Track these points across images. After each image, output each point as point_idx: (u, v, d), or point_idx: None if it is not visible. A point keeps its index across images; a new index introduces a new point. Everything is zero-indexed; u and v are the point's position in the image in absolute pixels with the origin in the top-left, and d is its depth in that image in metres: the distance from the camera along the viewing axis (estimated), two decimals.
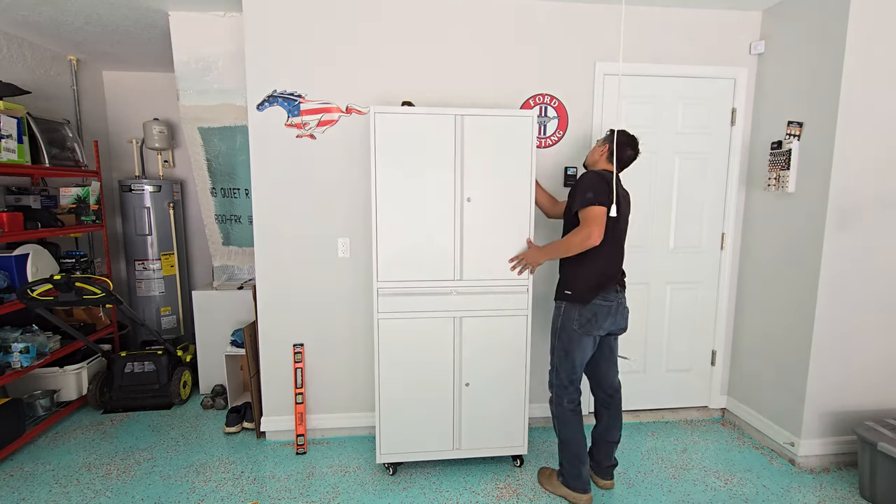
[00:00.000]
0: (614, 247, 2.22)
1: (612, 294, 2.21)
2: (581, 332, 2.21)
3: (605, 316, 2.20)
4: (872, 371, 2.62)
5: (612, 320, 2.23)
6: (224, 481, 2.49)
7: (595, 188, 2.12)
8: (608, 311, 2.20)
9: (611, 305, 2.21)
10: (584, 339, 2.22)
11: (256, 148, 2.68)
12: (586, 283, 2.20)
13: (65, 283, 2.75)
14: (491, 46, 2.74)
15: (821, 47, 2.48)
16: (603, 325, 2.21)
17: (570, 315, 2.23)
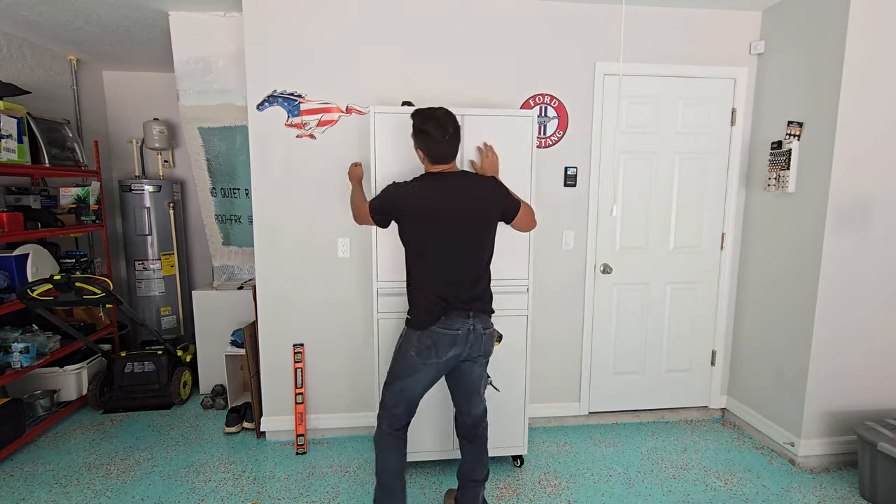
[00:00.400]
0: (438, 264, 1.89)
1: (457, 321, 1.88)
2: (418, 359, 1.91)
3: (447, 345, 1.89)
4: (872, 371, 2.62)
5: (459, 349, 1.91)
6: (224, 481, 2.49)
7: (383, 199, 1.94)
8: (452, 339, 1.88)
9: (455, 333, 1.88)
10: (420, 368, 1.92)
11: (256, 148, 2.68)
12: (419, 307, 1.93)
13: (65, 283, 2.75)
14: (491, 46, 2.74)
15: (821, 47, 2.48)
16: (446, 354, 1.90)
17: (409, 340, 1.94)
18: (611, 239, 2.98)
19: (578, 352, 3.04)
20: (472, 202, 1.89)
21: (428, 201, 1.85)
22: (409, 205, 1.87)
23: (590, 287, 2.99)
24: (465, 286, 1.90)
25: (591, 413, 3.13)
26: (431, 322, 1.89)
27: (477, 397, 2.09)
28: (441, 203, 1.85)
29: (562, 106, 2.83)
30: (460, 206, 1.86)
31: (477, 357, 1.98)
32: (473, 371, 2.02)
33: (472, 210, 1.89)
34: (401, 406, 1.99)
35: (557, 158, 2.86)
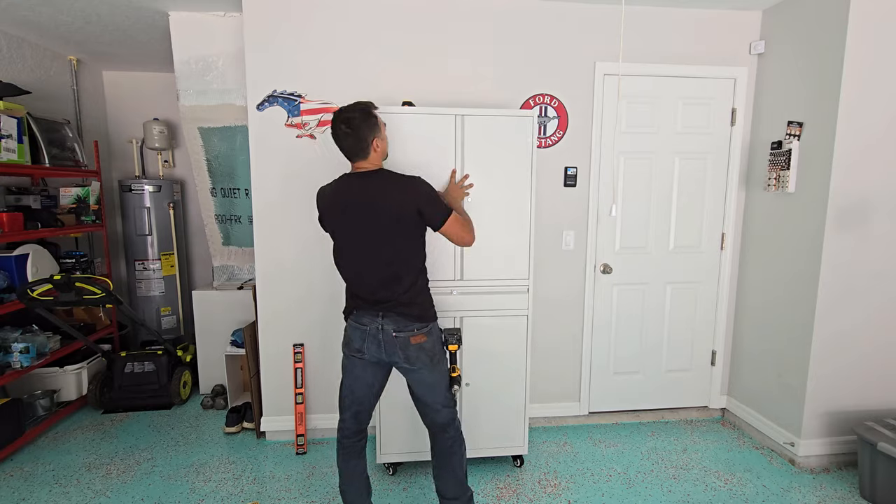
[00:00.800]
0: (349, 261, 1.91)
1: (365, 317, 1.89)
2: (345, 350, 1.97)
3: (359, 339, 1.90)
4: (872, 371, 2.62)
5: (373, 347, 1.89)
6: (224, 481, 2.49)
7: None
8: (362, 335, 1.89)
9: (364, 329, 1.89)
10: (349, 361, 1.96)
11: (256, 148, 2.69)
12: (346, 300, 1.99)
13: (65, 283, 2.75)
14: (491, 46, 2.74)
15: (821, 47, 2.48)
16: (362, 349, 1.90)
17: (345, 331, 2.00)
18: (611, 239, 2.98)
19: (578, 352, 3.05)
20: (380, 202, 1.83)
21: (334, 201, 1.90)
22: (322, 205, 1.96)
23: (590, 287, 2.99)
24: (373, 286, 1.87)
25: (591, 413, 3.13)
26: (348, 315, 1.97)
27: (424, 406, 2.00)
28: (346, 201, 1.87)
29: (562, 106, 2.83)
30: (365, 206, 1.83)
31: (400, 363, 1.91)
32: (412, 377, 1.96)
33: (378, 210, 1.83)
34: (346, 412, 1.97)
35: (557, 158, 2.86)
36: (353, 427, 1.98)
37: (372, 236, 1.85)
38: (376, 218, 1.83)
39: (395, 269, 1.88)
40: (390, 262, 1.87)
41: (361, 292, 1.90)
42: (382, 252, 1.86)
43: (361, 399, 1.97)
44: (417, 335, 1.90)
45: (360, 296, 1.90)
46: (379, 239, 1.85)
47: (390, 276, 1.87)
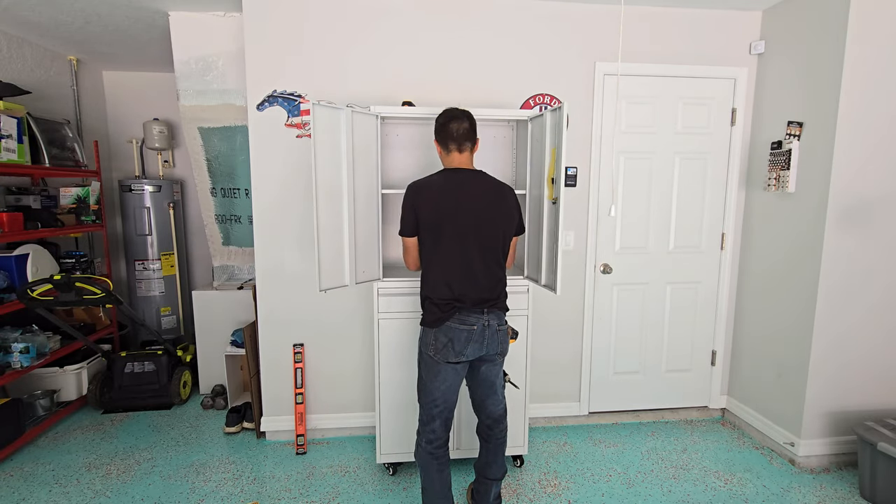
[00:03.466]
0: (451, 259, 1.90)
1: (471, 316, 1.89)
2: (437, 358, 1.92)
3: (464, 342, 1.89)
4: (872, 371, 2.62)
5: (476, 346, 1.90)
6: (224, 481, 2.49)
7: (402, 211, 1.96)
8: (468, 335, 1.88)
9: (471, 330, 1.89)
10: (442, 368, 1.93)
11: (256, 148, 2.68)
12: (433, 306, 1.93)
13: (65, 283, 2.75)
14: (491, 46, 2.74)
15: (821, 47, 2.48)
16: (464, 351, 1.90)
17: (426, 340, 1.96)
18: (611, 239, 2.98)
19: (578, 352, 3.04)
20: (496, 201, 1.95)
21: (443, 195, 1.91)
22: (421, 199, 1.92)
23: (590, 287, 2.99)
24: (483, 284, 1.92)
25: (591, 413, 3.13)
26: (446, 318, 1.90)
27: (494, 397, 2.06)
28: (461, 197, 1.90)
29: None
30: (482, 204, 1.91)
31: (493, 356, 1.97)
32: (490, 370, 2.01)
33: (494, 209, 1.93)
34: (436, 421, 1.97)
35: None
36: (445, 435, 1.99)
37: (487, 235, 1.91)
38: (492, 217, 1.92)
39: (500, 267, 1.97)
40: (498, 262, 1.96)
41: (469, 291, 1.89)
42: (494, 251, 1.93)
43: (452, 405, 2.00)
44: (507, 327, 2.02)
45: (465, 295, 1.89)
46: (493, 238, 1.92)
47: (497, 275, 1.95)
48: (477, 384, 2.05)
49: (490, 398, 2.06)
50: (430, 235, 1.92)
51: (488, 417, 2.08)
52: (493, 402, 2.07)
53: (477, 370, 2.01)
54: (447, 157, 1.98)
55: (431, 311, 1.93)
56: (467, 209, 1.89)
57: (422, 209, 1.91)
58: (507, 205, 1.97)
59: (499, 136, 2.76)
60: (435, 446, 1.97)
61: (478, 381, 2.04)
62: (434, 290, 1.93)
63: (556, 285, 2.20)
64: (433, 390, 1.95)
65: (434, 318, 1.92)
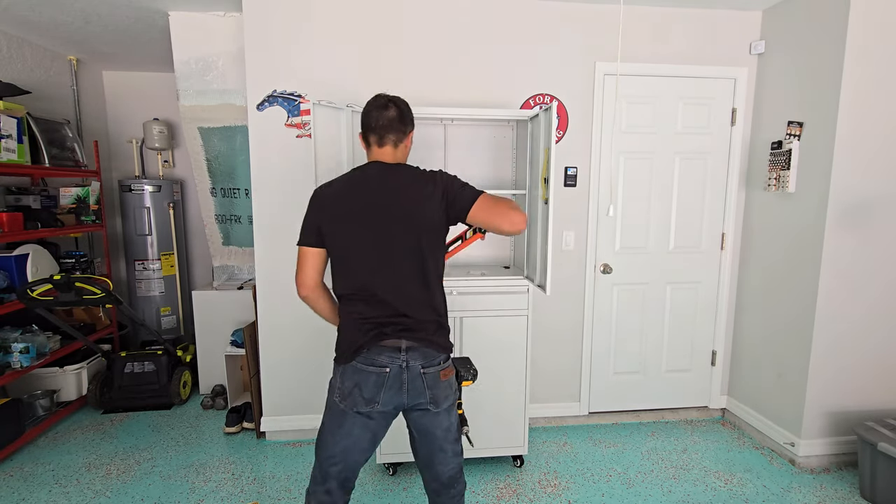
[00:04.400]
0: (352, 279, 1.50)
1: (383, 355, 1.46)
2: (343, 406, 1.50)
3: (373, 387, 1.46)
4: (872, 371, 2.62)
5: (392, 393, 1.48)
6: (224, 481, 2.49)
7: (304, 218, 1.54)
8: (377, 380, 1.46)
9: (381, 373, 1.46)
10: (348, 419, 1.50)
11: (256, 148, 2.68)
12: (341, 336, 1.55)
13: (65, 283, 2.75)
14: (491, 46, 2.74)
15: (821, 47, 2.48)
16: (375, 399, 1.47)
17: (332, 381, 1.57)
18: (611, 239, 2.98)
19: (578, 352, 3.04)
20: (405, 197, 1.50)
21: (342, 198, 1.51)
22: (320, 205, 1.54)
23: (590, 287, 2.99)
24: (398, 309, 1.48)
25: (591, 413, 3.13)
26: (352, 357, 1.49)
27: (441, 455, 1.59)
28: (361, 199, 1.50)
29: (562, 106, 2.82)
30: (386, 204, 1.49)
31: (423, 406, 1.52)
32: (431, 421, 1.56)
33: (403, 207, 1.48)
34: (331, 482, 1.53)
35: (557, 158, 2.86)
36: (342, 499, 1.57)
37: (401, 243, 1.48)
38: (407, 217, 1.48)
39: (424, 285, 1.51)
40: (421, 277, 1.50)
41: (380, 319, 1.47)
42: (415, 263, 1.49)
43: (355, 465, 1.56)
44: (446, 368, 1.55)
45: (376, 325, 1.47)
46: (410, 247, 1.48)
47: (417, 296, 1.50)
48: (415, 439, 1.62)
49: (435, 456, 1.59)
50: (331, 248, 1.52)
51: (434, 480, 1.63)
52: (439, 460, 1.60)
53: (412, 421, 1.58)
54: (368, 152, 1.60)
55: (339, 343, 1.55)
56: (372, 213, 1.47)
57: (324, 214, 1.51)
58: (424, 194, 1.49)
59: (499, 136, 2.76)
60: None
61: (415, 435, 1.61)
62: (345, 316, 1.54)
63: (546, 285, 2.21)
64: (332, 444, 1.52)
65: (340, 352, 1.54)
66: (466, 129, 2.75)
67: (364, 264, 1.49)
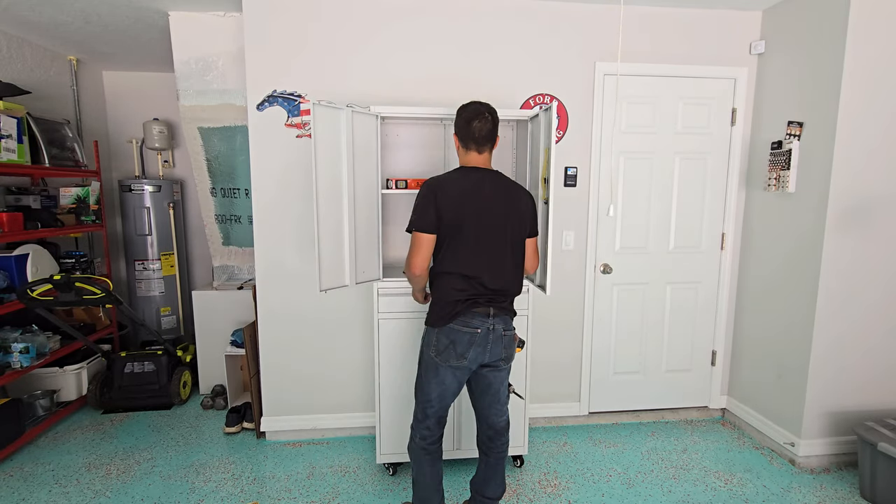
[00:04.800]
0: (465, 258, 1.86)
1: (476, 319, 1.85)
2: (438, 360, 1.89)
3: (466, 344, 1.85)
4: (872, 371, 2.62)
5: (479, 350, 1.86)
6: (224, 481, 2.49)
7: (417, 206, 1.86)
8: (471, 339, 1.84)
9: (474, 333, 1.84)
10: (441, 370, 1.89)
11: (256, 148, 2.68)
12: (440, 304, 1.89)
13: (65, 283, 2.75)
14: (492, 46, 2.74)
15: (821, 47, 2.48)
16: (465, 355, 1.86)
17: (428, 340, 1.93)
18: (611, 239, 2.98)
19: (578, 352, 3.04)
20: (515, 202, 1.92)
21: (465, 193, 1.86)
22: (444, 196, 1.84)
23: (590, 287, 2.99)
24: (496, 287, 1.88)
25: (591, 413, 3.13)
26: (450, 319, 1.85)
27: (497, 406, 2.01)
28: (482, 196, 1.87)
29: (562, 106, 2.83)
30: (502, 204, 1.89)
31: (497, 362, 1.92)
32: (495, 377, 1.96)
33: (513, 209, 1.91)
34: (431, 419, 1.96)
35: (557, 158, 2.86)
36: (439, 432, 1.99)
37: (506, 236, 1.89)
38: (511, 218, 1.89)
39: (516, 270, 1.94)
40: (515, 264, 1.93)
41: (482, 290, 1.85)
42: (512, 252, 1.91)
43: (447, 406, 1.98)
44: (514, 332, 1.96)
45: (478, 294, 1.85)
46: (512, 239, 1.90)
47: (510, 277, 1.91)
48: (480, 392, 2.00)
49: (493, 407, 2.01)
50: (448, 233, 1.85)
51: (490, 428, 2.03)
52: (495, 411, 2.01)
53: (480, 376, 1.96)
54: (465, 155, 1.94)
55: (437, 310, 1.90)
56: (486, 209, 1.86)
57: (443, 206, 1.83)
58: (520, 207, 1.93)
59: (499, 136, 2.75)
60: (429, 442, 1.97)
61: (481, 388, 1.99)
62: (446, 288, 1.88)
63: (547, 285, 2.22)
64: (430, 391, 1.93)
65: (438, 317, 1.89)
66: None
67: (471, 250, 1.85)
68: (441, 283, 1.90)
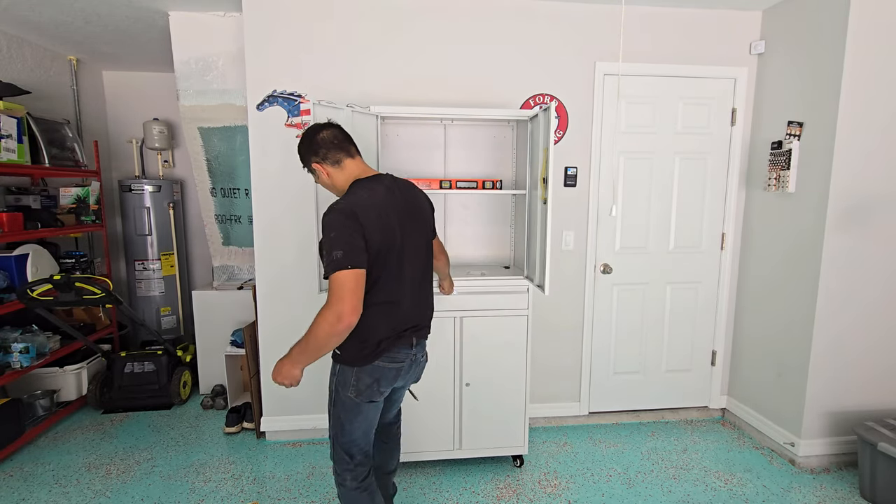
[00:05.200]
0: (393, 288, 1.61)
1: (401, 353, 1.66)
2: (359, 400, 1.65)
3: (390, 380, 1.68)
4: (873, 371, 2.62)
5: (400, 381, 1.75)
6: (224, 481, 2.49)
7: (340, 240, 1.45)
8: (395, 374, 1.68)
9: (399, 367, 1.68)
10: (364, 407, 1.67)
11: (256, 148, 2.68)
12: (362, 341, 1.60)
13: (65, 283, 2.75)
14: (492, 46, 2.74)
15: (821, 47, 2.48)
16: (388, 389, 1.72)
17: (345, 380, 1.66)
18: (611, 239, 2.98)
19: (578, 352, 3.04)
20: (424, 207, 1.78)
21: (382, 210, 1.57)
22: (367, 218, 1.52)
23: (590, 287, 2.99)
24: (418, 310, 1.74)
25: (591, 413, 3.13)
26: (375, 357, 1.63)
27: (395, 405, 1.98)
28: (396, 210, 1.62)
29: (562, 106, 2.83)
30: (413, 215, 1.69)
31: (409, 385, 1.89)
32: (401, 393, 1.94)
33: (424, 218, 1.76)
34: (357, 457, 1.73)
35: (557, 158, 2.86)
36: (369, 464, 1.77)
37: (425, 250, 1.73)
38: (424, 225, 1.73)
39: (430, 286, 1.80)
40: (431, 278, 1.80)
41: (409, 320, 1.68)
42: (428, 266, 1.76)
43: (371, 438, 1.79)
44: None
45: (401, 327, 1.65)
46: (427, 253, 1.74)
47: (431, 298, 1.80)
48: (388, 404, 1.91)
49: (389, 411, 1.95)
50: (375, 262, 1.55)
51: (392, 420, 2.01)
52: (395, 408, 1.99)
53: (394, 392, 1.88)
54: (343, 170, 1.66)
55: (359, 347, 1.61)
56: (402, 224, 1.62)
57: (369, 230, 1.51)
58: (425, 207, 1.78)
59: (499, 136, 2.76)
60: (361, 479, 1.73)
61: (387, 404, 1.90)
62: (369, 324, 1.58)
63: (545, 285, 2.22)
64: (353, 432, 1.69)
65: (359, 356, 1.62)
66: (466, 129, 2.75)
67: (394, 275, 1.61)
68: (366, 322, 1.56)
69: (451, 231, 2.81)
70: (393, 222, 1.58)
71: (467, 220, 2.81)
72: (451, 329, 2.43)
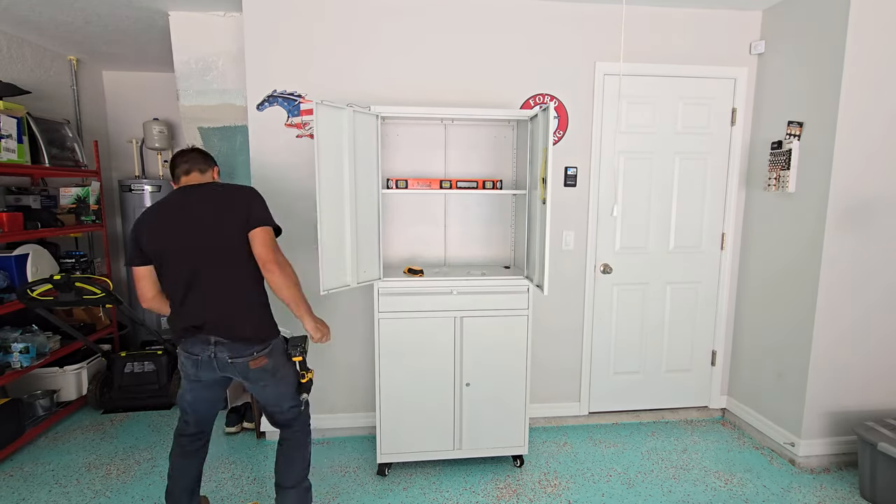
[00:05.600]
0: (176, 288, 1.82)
1: (197, 346, 1.82)
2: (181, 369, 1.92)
3: (192, 366, 1.86)
4: (872, 371, 2.62)
5: (209, 372, 1.86)
6: (224, 481, 2.49)
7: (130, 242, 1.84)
8: (195, 363, 1.84)
9: (197, 359, 1.83)
10: (187, 382, 1.93)
11: (256, 148, 2.68)
12: (172, 330, 1.90)
13: (65, 283, 2.74)
14: (492, 47, 2.74)
15: (821, 47, 2.48)
16: (198, 374, 1.87)
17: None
18: (611, 239, 2.98)
19: (578, 352, 3.04)
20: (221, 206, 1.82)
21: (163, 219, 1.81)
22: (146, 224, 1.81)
23: (590, 287, 2.99)
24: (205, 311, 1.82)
25: (591, 413, 3.13)
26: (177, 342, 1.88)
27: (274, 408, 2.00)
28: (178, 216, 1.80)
29: (562, 106, 2.83)
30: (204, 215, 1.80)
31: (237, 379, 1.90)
32: (253, 390, 1.97)
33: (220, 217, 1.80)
34: (187, 413, 1.97)
35: (557, 158, 2.86)
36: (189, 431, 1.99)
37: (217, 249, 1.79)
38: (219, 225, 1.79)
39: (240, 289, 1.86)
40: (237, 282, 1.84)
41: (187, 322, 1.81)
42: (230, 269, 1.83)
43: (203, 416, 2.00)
44: (255, 358, 1.84)
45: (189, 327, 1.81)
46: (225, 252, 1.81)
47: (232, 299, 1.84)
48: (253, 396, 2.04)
49: (267, 409, 2.02)
50: (156, 263, 1.82)
51: (275, 424, 2.06)
52: (271, 413, 2.03)
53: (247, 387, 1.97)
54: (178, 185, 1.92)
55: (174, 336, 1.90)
56: (188, 226, 1.78)
57: (142, 236, 1.79)
58: (232, 203, 1.82)
59: (499, 136, 2.76)
60: (178, 434, 1.98)
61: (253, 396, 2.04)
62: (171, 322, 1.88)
63: (544, 285, 2.22)
64: (181, 399, 1.96)
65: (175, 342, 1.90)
66: (467, 129, 2.75)
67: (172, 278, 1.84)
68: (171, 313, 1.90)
69: (451, 231, 2.81)
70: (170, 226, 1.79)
71: (467, 220, 2.81)
72: (451, 329, 2.43)
